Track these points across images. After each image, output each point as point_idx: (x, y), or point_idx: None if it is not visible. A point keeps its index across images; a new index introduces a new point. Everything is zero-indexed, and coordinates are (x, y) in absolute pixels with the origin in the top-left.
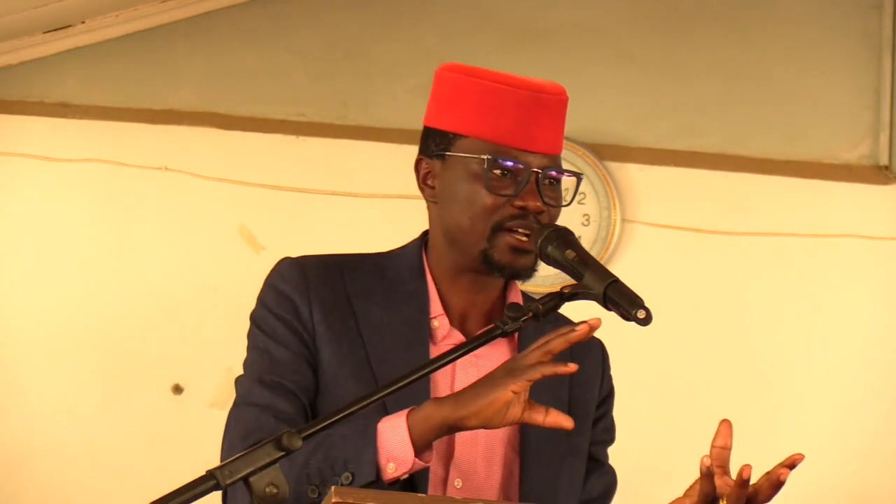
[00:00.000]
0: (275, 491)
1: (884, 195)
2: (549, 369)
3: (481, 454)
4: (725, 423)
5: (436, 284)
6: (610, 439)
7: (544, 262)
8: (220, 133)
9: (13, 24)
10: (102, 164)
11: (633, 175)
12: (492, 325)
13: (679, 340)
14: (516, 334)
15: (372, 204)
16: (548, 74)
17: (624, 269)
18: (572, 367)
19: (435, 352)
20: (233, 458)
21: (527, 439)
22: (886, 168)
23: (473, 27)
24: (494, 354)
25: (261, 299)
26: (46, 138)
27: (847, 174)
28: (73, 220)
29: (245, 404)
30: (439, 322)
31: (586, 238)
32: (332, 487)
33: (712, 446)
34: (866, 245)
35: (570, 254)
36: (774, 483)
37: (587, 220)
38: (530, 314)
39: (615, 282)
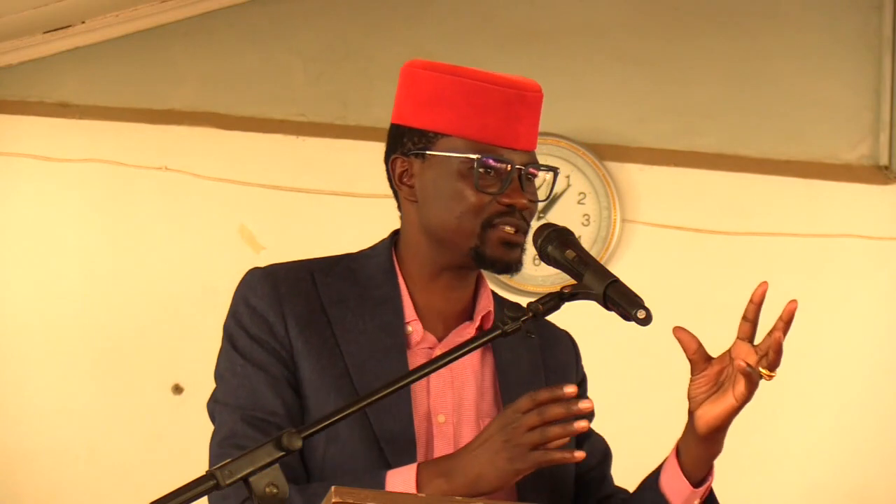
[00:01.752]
0: (275, 491)
1: (884, 195)
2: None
3: None
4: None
5: (407, 286)
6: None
7: (544, 261)
8: (220, 133)
9: (13, 24)
10: (102, 164)
11: (633, 175)
12: (478, 326)
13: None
14: None
15: (372, 204)
16: (548, 74)
17: (624, 269)
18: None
19: (411, 356)
20: (233, 458)
21: None
22: (886, 168)
23: (473, 28)
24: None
25: (234, 314)
26: (46, 138)
27: (847, 174)
28: (73, 220)
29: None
30: (413, 327)
31: (586, 238)
32: (332, 487)
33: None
34: (866, 245)
35: (570, 254)
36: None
37: (587, 220)
38: (530, 314)
39: (615, 282)
